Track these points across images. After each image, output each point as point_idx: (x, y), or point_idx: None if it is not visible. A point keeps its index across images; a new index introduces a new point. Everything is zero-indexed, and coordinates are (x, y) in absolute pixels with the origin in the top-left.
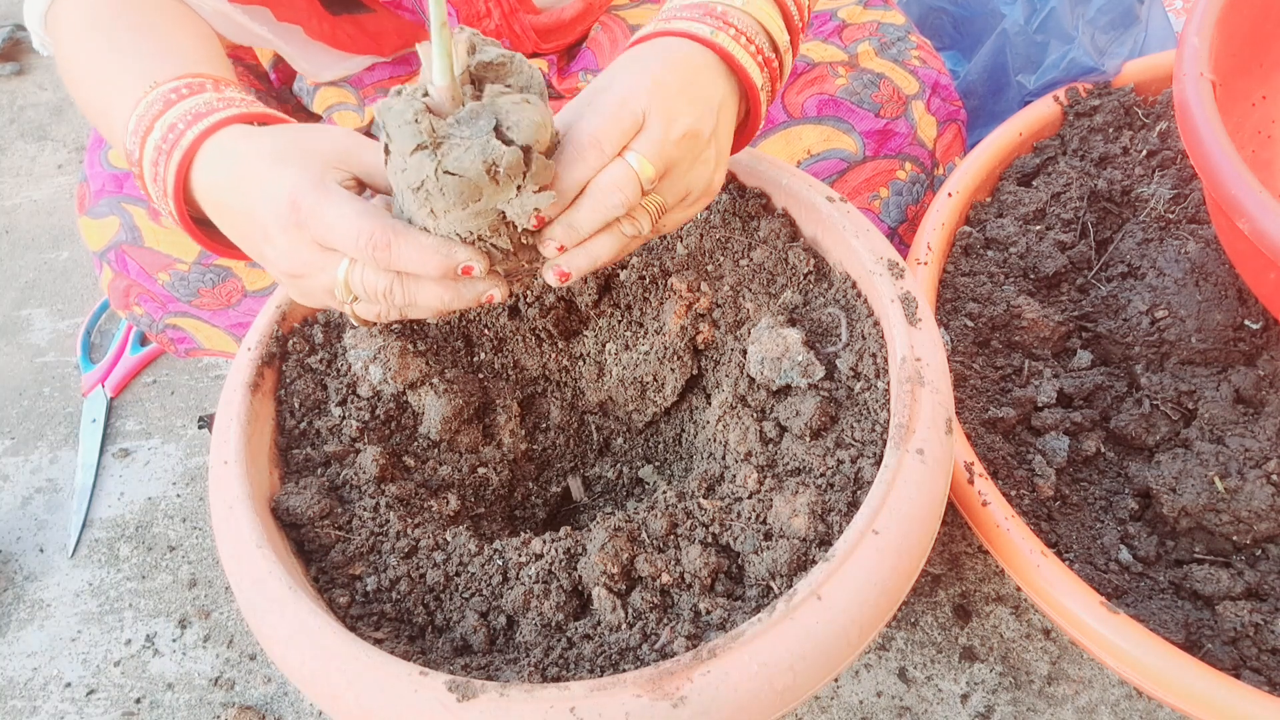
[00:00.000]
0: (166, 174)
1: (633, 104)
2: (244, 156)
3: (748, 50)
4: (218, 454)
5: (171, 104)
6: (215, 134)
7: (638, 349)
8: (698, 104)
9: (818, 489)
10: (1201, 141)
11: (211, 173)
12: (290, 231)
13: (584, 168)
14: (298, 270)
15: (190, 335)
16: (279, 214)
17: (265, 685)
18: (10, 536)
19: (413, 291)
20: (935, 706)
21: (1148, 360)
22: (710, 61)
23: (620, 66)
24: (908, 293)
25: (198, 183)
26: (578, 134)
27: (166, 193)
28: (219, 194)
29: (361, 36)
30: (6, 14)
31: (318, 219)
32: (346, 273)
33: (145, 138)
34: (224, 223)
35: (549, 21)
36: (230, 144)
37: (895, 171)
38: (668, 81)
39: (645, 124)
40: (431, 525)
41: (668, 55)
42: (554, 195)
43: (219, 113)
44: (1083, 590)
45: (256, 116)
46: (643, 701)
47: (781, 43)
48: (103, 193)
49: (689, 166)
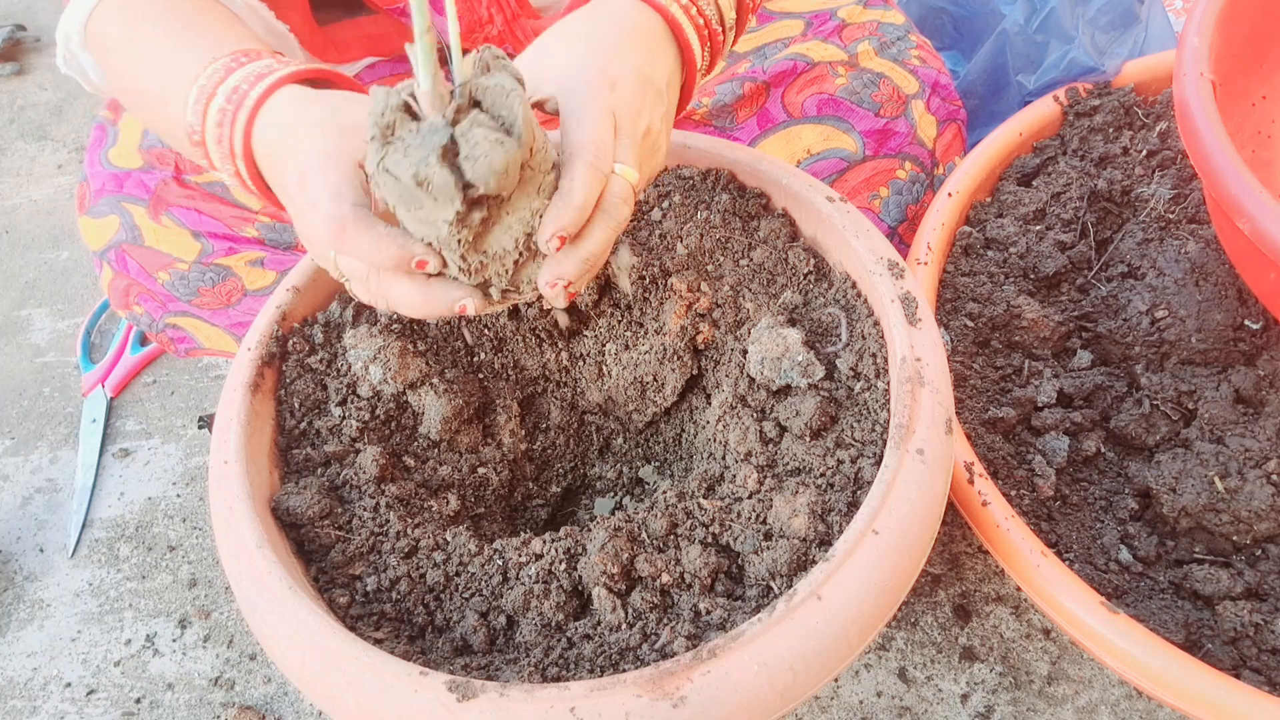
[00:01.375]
0: (234, 136)
1: (608, 106)
2: (293, 119)
3: (695, 23)
4: (218, 454)
5: (232, 70)
6: (278, 91)
7: (638, 349)
8: (650, 93)
9: (818, 489)
10: (1201, 141)
11: (272, 131)
12: (300, 195)
13: (598, 178)
14: (306, 235)
15: (190, 335)
16: (296, 176)
17: (265, 685)
18: (10, 536)
19: (386, 284)
20: (935, 706)
21: (1148, 360)
22: (660, 31)
23: (573, 46)
24: (908, 293)
25: (258, 140)
26: (586, 143)
27: (234, 154)
28: (271, 148)
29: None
30: (7, 14)
31: (309, 199)
32: (335, 255)
33: (208, 104)
34: (277, 182)
35: (549, 22)
36: (294, 102)
37: (895, 171)
38: (625, 74)
39: (617, 128)
40: (431, 525)
41: (623, 30)
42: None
43: (278, 72)
44: (1083, 590)
45: (314, 73)
46: (643, 701)
47: (728, 20)
48: (103, 192)
49: (649, 161)
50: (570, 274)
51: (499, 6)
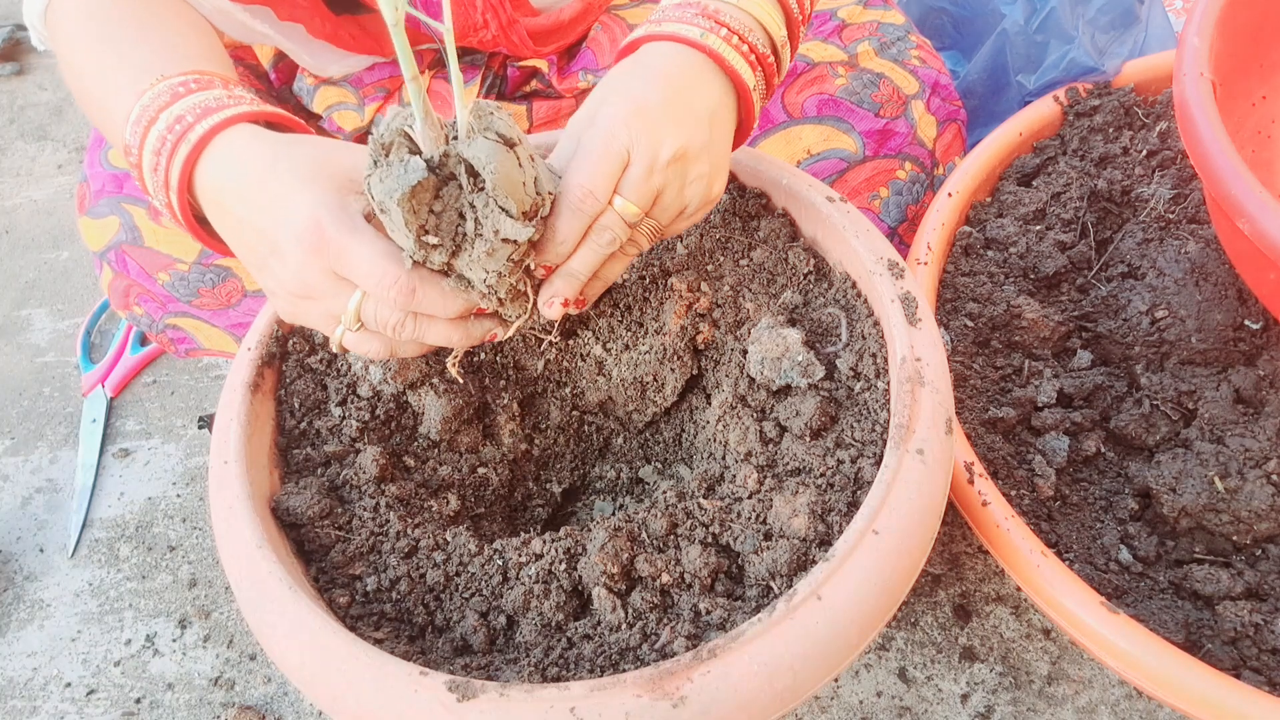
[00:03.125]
0: (171, 167)
1: (616, 142)
2: (259, 164)
3: (739, 50)
4: (218, 454)
5: (179, 96)
6: (225, 130)
7: (638, 349)
8: (685, 122)
9: (818, 489)
10: (1201, 141)
11: (220, 173)
12: (308, 255)
13: (582, 220)
14: (304, 292)
15: (190, 335)
16: (299, 235)
17: (265, 685)
18: (10, 536)
19: (424, 329)
20: (935, 706)
21: (1148, 360)
22: (701, 66)
23: (606, 89)
24: (908, 293)
25: (203, 181)
26: (571, 187)
27: (169, 185)
28: (225, 197)
29: (363, 37)
30: (6, 14)
31: (340, 251)
32: (358, 304)
33: (148, 129)
34: (225, 227)
35: (548, 23)
36: (243, 146)
37: (895, 171)
38: (650, 103)
39: (629, 160)
40: (431, 525)
41: (652, 69)
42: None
43: (229, 109)
44: (1083, 590)
45: (266, 116)
46: (643, 701)
47: (779, 39)
48: (103, 193)
49: (680, 188)
50: (563, 292)
51: (494, 11)
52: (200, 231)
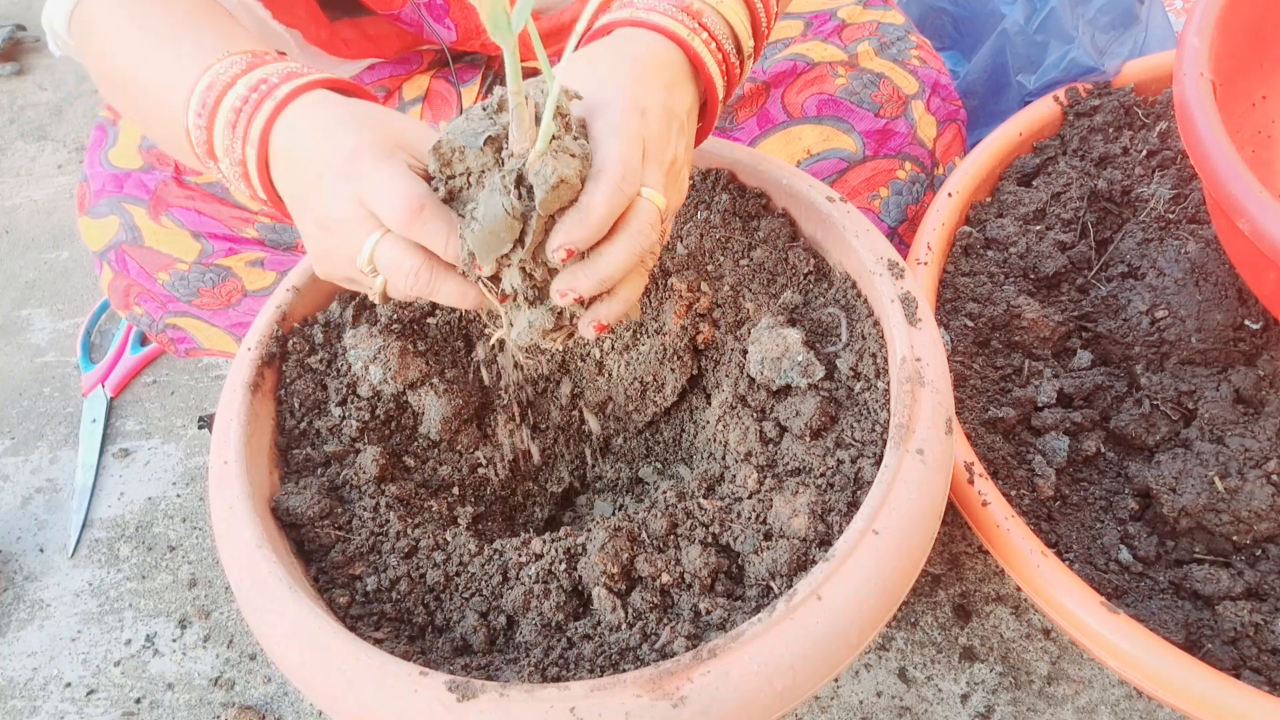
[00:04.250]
0: (253, 124)
1: (637, 133)
2: (331, 117)
3: (715, 57)
4: (218, 454)
5: (255, 66)
6: (308, 92)
7: (638, 349)
8: (674, 124)
9: (818, 489)
10: (1201, 141)
11: (295, 127)
12: (339, 181)
13: (622, 198)
14: (331, 224)
15: (190, 335)
16: (335, 161)
17: (265, 685)
18: (10, 536)
19: (440, 280)
20: (935, 706)
21: (1148, 360)
22: (682, 66)
23: (601, 75)
24: (908, 293)
25: (279, 136)
26: (611, 161)
27: (248, 139)
28: (296, 150)
29: (360, 40)
30: (7, 14)
31: (369, 177)
32: (374, 246)
33: (225, 91)
34: (287, 174)
35: (549, 26)
36: (321, 103)
37: (895, 171)
38: (653, 105)
39: (646, 154)
40: (431, 525)
41: (645, 62)
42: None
43: (313, 74)
44: (1083, 590)
45: (341, 83)
46: (643, 701)
47: (746, 48)
48: (103, 193)
49: (673, 188)
50: (583, 289)
51: None
52: (271, 190)
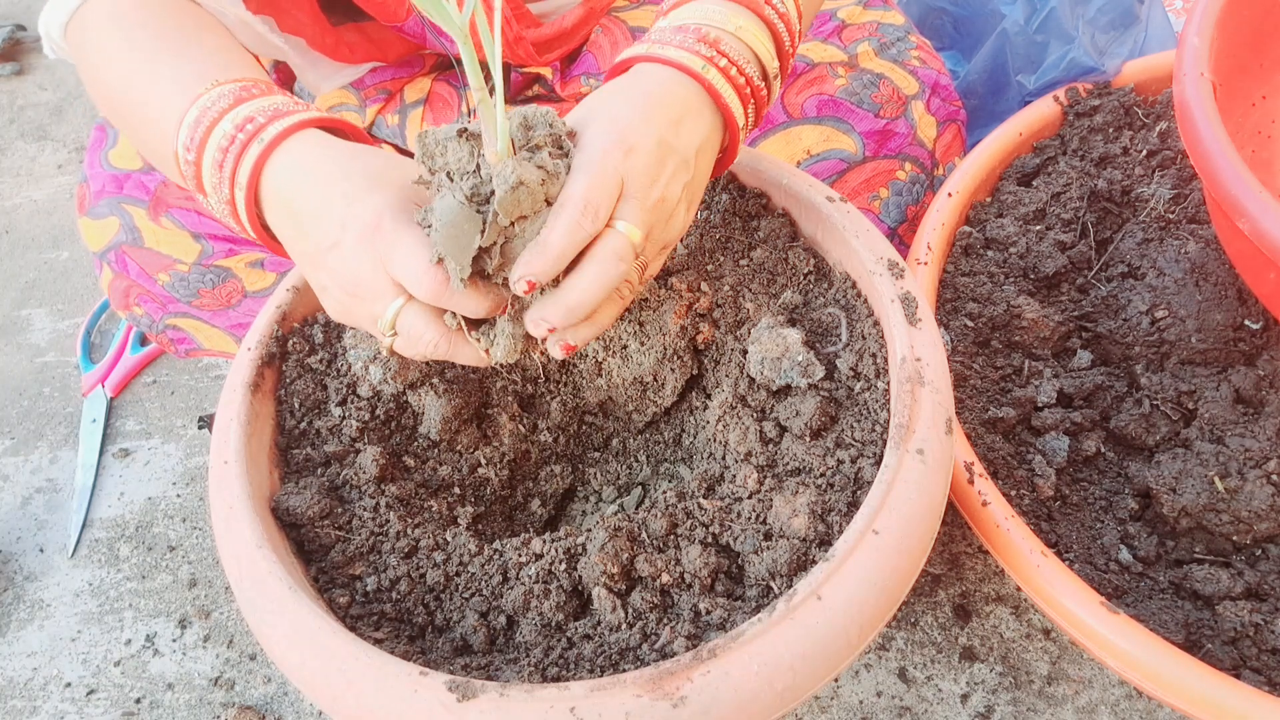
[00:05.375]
0: (240, 165)
1: (614, 170)
2: (332, 166)
3: (735, 84)
4: (218, 454)
5: (243, 100)
6: (298, 133)
7: (638, 349)
8: (670, 162)
9: (818, 489)
10: (1201, 141)
11: (291, 173)
12: (363, 247)
13: (581, 234)
14: (353, 288)
15: (190, 335)
16: (360, 228)
17: (265, 685)
18: (10, 536)
19: (459, 346)
20: (935, 706)
21: (1148, 360)
22: (696, 98)
23: (599, 113)
24: (908, 293)
25: (272, 180)
26: (571, 198)
27: (235, 183)
28: (296, 196)
29: (364, 44)
30: (7, 14)
31: (393, 244)
32: (396, 312)
33: (211, 127)
34: (287, 224)
35: (551, 32)
36: (316, 148)
37: (895, 172)
38: (645, 141)
39: (625, 191)
40: (431, 525)
41: (649, 97)
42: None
43: (300, 114)
44: (1083, 590)
45: (332, 122)
46: (643, 701)
47: (771, 70)
48: (103, 193)
49: (662, 228)
50: (553, 319)
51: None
52: (261, 231)
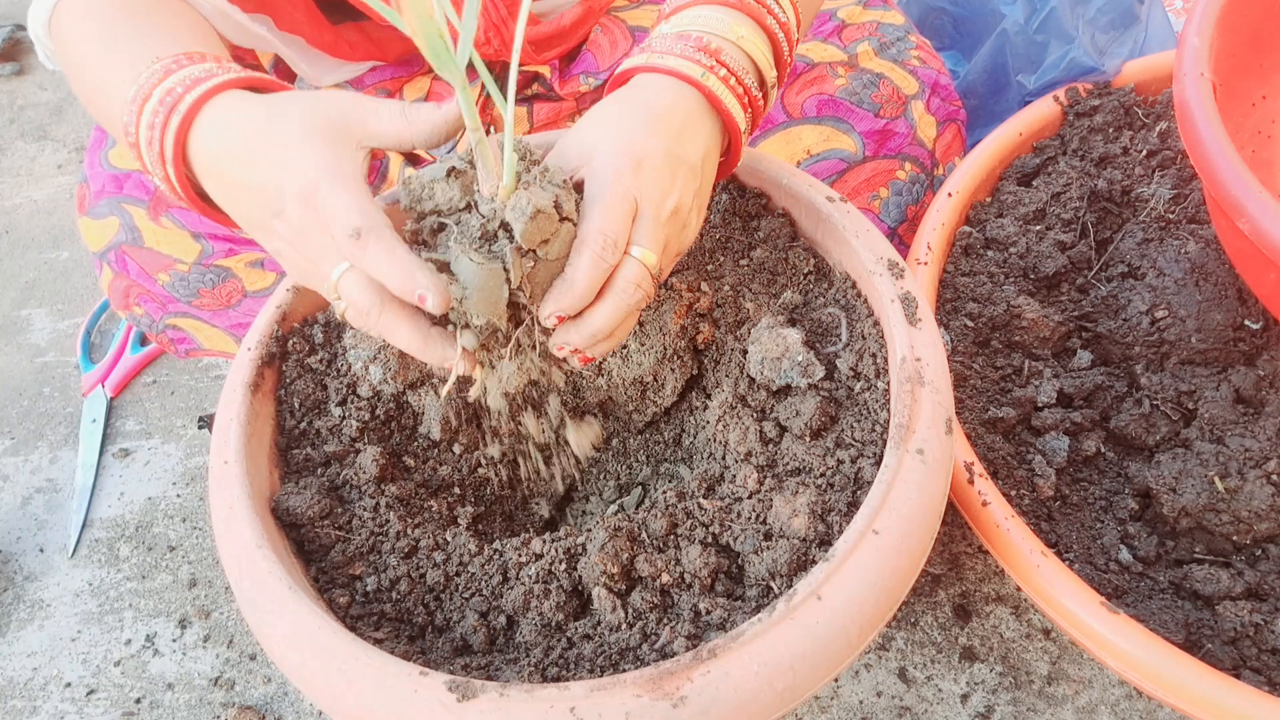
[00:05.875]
0: (165, 139)
1: (623, 189)
2: (252, 125)
3: (735, 92)
4: (218, 454)
5: (170, 72)
6: (214, 98)
7: (638, 349)
8: (680, 172)
9: (818, 489)
10: (1201, 141)
11: (213, 139)
12: (306, 212)
13: (604, 266)
14: (305, 253)
15: (190, 335)
16: (299, 195)
17: (265, 685)
18: (10, 536)
19: (390, 321)
20: (935, 706)
21: (1148, 360)
22: (697, 106)
23: (605, 126)
24: (908, 293)
25: (197, 149)
26: (592, 234)
27: (164, 158)
28: (221, 163)
29: (364, 43)
30: (7, 14)
31: (326, 205)
32: (340, 276)
33: (143, 105)
34: (223, 193)
35: (549, 30)
36: (234, 111)
37: (895, 171)
38: (653, 154)
39: (639, 210)
40: (431, 525)
41: (651, 109)
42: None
43: (217, 78)
44: (1083, 590)
45: (252, 81)
46: (643, 701)
47: (769, 79)
48: (103, 193)
49: (676, 239)
50: (577, 343)
51: (496, 30)
52: (202, 204)
